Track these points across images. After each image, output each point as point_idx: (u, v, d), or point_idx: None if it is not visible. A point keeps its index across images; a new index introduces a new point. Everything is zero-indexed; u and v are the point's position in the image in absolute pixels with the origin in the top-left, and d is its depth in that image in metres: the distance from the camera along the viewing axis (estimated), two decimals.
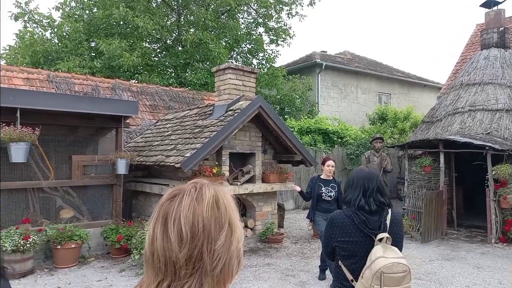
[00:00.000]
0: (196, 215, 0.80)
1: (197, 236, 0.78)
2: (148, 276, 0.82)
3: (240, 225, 0.87)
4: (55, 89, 8.58)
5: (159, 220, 0.81)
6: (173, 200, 0.83)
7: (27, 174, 5.78)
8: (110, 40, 11.85)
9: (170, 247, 0.78)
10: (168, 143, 6.57)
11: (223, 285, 0.83)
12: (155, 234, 0.81)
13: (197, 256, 0.78)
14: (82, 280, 4.67)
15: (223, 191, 0.88)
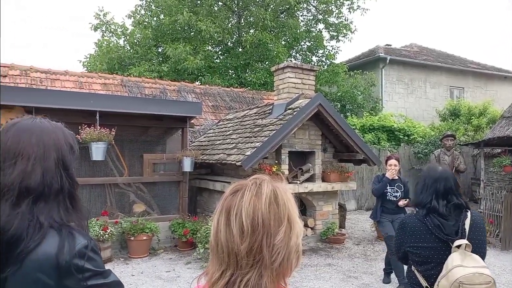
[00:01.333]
0: (256, 210, 0.84)
1: (257, 230, 0.82)
2: (213, 265, 0.88)
3: (299, 221, 0.90)
4: (127, 92, 9.32)
5: (223, 213, 0.87)
6: (235, 194, 0.88)
7: (105, 171, 6.36)
8: (176, 44, 12.54)
9: (232, 239, 0.83)
10: (229, 142, 6.78)
11: (282, 278, 0.86)
12: (219, 226, 0.87)
13: (257, 249, 0.82)
14: (152, 270, 5.04)
15: (283, 187, 0.91)
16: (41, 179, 1.00)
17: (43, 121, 1.09)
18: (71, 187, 1.07)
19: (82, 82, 9.05)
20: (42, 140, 1.04)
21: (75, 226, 1.04)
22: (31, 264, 0.94)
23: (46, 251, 0.95)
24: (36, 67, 8.81)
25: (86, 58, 14.72)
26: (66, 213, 1.03)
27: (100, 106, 5.72)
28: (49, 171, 1.02)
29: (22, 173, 0.98)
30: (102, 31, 14.19)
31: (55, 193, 1.02)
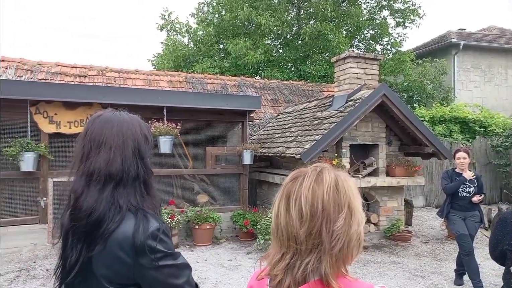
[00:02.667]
0: (315, 196, 0.85)
1: (316, 216, 0.84)
2: (274, 248, 0.91)
3: (361, 210, 0.89)
4: (191, 88, 9.74)
5: (283, 198, 0.90)
6: (295, 181, 0.90)
7: (171, 163, 6.74)
8: (236, 40, 12.78)
9: (291, 223, 0.86)
10: (288, 135, 6.77)
11: (343, 265, 0.86)
12: (279, 211, 0.90)
13: (316, 234, 0.84)
14: (215, 258, 5.25)
15: (344, 176, 0.91)
16: (120, 166, 1.10)
17: (122, 113, 1.20)
18: (146, 174, 1.16)
19: (150, 80, 9.65)
20: (122, 131, 1.14)
21: (149, 210, 1.12)
22: (112, 243, 1.04)
23: (125, 231, 1.05)
24: (111, 67, 9.58)
25: (155, 57, 15.64)
26: (141, 198, 1.12)
27: (167, 102, 6.06)
28: (127, 159, 1.12)
29: (106, 161, 1.09)
30: (167, 31, 14.96)
31: (132, 179, 1.12)
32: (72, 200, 1.10)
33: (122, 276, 1.06)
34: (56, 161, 5.71)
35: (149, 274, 1.07)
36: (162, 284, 1.09)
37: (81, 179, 1.10)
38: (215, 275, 4.57)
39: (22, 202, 5.70)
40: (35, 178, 5.59)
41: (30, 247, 5.42)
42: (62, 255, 1.12)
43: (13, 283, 4.24)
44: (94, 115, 1.19)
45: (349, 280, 0.86)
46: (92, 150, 1.11)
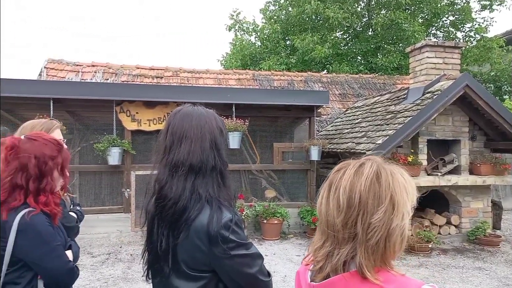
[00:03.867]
0: (353, 187, 0.87)
1: (352, 207, 0.85)
2: (317, 234, 0.95)
3: (407, 205, 0.87)
4: (258, 85, 9.89)
5: (325, 188, 0.93)
6: (339, 172, 0.92)
7: (240, 158, 6.94)
8: (303, 35, 12.65)
9: (329, 212, 0.89)
10: (358, 131, 6.53)
11: (384, 260, 0.85)
12: (321, 199, 0.93)
13: (351, 224, 0.85)
14: (284, 253, 5.29)
15: (393, 169, 0.89)
16: (200, 157, 1.17)
17: (200, 108, 1.26)
18: (221, 165, 1.21)
19: (220, 78, 10.02)
20: (200, 124, 1.20)
21: (224, 201, 1.17)
22: (192, 231, 1.11)
23: (202, 220, 1.11)
24: (184, 68, 10.14)
25: (223, 57, 16.19)
26: (218, 189, 1.18)
27: (236, 99, 6.24)
28: (205, 150, 1.18)
29: (187, 152, 1.16)
30: (235, 30, 15.36)
31: (209, 170, 1.17)
32: (156, 189, 1.18)
33: (200, 263, 1.12)
34: (137, 156, 6.24)
35: (223, 262, 1.11)
36: (235, 273, 1.13)
37: (164, 169, 1.18)
38: (283, 269, 4.61)
39: (109, 193, 6.34)
40: (120, 171, 6.17)
41: (116, 233, 6.00)
42: (148, 240, 1.22)
43: (104, 265, 4.73)
44: (175, 110, 1.27)
45: (392, 275, 0.85)
46: (174, 142, 1.19)
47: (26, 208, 1.41)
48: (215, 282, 1.15)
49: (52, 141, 1.52)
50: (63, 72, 8.79)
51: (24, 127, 1.87)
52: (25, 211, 1.40)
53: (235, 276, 1.14)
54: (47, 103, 5.53)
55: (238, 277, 1.14)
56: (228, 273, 1.14)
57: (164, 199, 1.14)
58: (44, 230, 1.42)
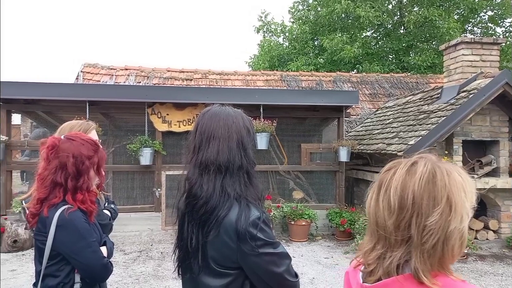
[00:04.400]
0: (406, 187, 0.82)
1: (405, 208, 0.80)
2: (367, 236, 0.91)
3: (467, 206, 0.81)
4: (286, 86, 9.86)
5: (375, 188, 0.89)
6: (389, 171, 0.88)
7: (268, 159, 6.95)
8: (332, 35, 12.51)
9: (380, 213, 0.85)
10: (389, 131, 6.37)
11: (441, 264, 0.80)
12: (370, 200, 0.90)
13: (404, 227, 0.80)
14: (312, 255, 5.24)
15: (450, 168, 0.84)
16: (227, 156, 1.19)
17: (227, 108, 1.29)
18: (248, 165, 1.22)
19: (248, 80, 10.08)
20: (227, 124, 1.23)
21: (251, 199, 1.18)
22: (221, 228, 1.13)
23: (231, 218, 1.13)
24: (213, 70, 10.28)
25: (251, 58, 16.28)
26: (245, 187, 1.19)
27: (263, 100, 6.26)
28: (232, 150, 1.20)
29: (215, 152, 1.19)
30: (263, 32, 15.41)
31: (237, 169, 1.19)
32: (186, 188, 1.22)
33: (228, 260, 1.14)
34: (168, 156, 6.39)
35: (250, 260, 1.12)
36: (262, 271, 1.14)
37: (194, 169, 1.21)
38: (311, 271, 4.57)
39: (141, 192, 6.53)
40: (151, 171, 6.34)
41: (147, 231, 6.17)
42: (179, 237, 1.25)
43: (135, 262, 4.89)
44: (204, 110, 1.30)
45: (452, 280, 0.80)
46: (202, 142, 1.22)
47: (64, 205, 1.49)
48: (242, 279, 1.17)
49: (89, 141, 1.60)
50: (98, 76, 9.16)
51: (63, 128, 1.97)
52: (64, 208, 1.48)
53: (262, 275, 1.15)
54: (84, 106, 5.78)
55: (265, 276, 1.15)
56: (255, 271, 1.15)
57: (194, 198, 1.17)
58: (81, 226, 1.49)
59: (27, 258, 5.01)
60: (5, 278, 4.31)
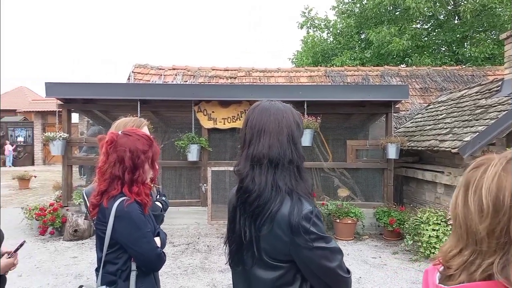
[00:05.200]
0: (501, 187, 0.72)
1: (501, 211, 0.71)
2: (451, 239, 0.83)
3: None
4: (331, 82, 9.68)
5: (461, 188, 0.81)
6: (478, 169, 0.79)
7: (311, 156, 6.87)
8: (379, 28, 12.06)
9: (470, 216, 0.76)
10: (442, 127, 6.02)
11: None
12: (457, 201, 0.81)
13: (501, 232, 0.71)
14: (358, 254, 5.12)
15: None
16: (278, 151, 1.19)
17: (277, 103, 1.29)
18: (298, 159, 1.22)
19: (291, 76, 10.03)
20: (277, 118, 1.23)
21: (302, 193, 1.18)
22: (272, 221, 1.14)
23: (283, 212, 1.13)
24: (256, 68, 10.35)
25: (294, 55, 16.16)
26: (295, 182, 1.19)
27: (307, 96, 6.19)
28: (283, 144, 1.20)
29: (266, 146, 1.20)
30: (307, 28, 15.22)
31: (287, 163, 1.19)
32: (238, 181, 1.24)
33: (280, 253, 1.15)
34: (213, 152, 6.55)
35: (303, 253, 1.13)
36: (315, 265, 1.13)
37: (245, 163, 1.22)
38: (358, 270, 4.46)
39: (188, 187, 6.76)
40: (197, 167, 6.54)
41: (194, 225, 6.38)
42: (230, 229, 1.27)
43: (183, 254, 5.08)
44: (253, 105, 1.32)
45: None
46: (254, 136, 1.23)
47: (122, 197, 1.58)
48: (293, 272, 1.17)
49: (144, 136, 1.68)
50: (148, 76, 9.59)
51: (118, 124, 2.08)
52: (122, 199, 1.57)
53: (314, 269, 1.14)
54: (135, 104, 6.08)
55: (318, 270, 1.15)
56: (307, 265, 1.15)
57: (245, 191, 1.18)
58: (137, 217, 1.58)
59: (86, 247, 5.39)
60: (67, 264, 4.68)
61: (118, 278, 1.59)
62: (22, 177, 11.16)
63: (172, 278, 4.22)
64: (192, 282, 4.11)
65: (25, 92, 26.88)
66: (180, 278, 4.21)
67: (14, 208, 7.08)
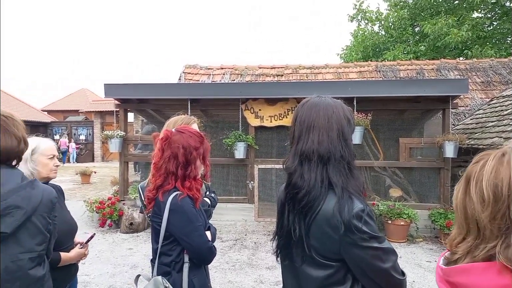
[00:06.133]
0: (499, 179, 0.80)
1: (501, 200, 0.79)
2: (455, 228, 0.91)
3: None
4: (382, 77, 9.30)
5: (463, 181, 0.89)
6: (477, 164, 0.87)
7: (361, 154, 6.65)
8: (435, 19, 11.37)
9: (472, 206, 0.84)
10: (507, 124, 5.55)
11: None
12: (457, 193, 0.89)
13: (501, 218, 0.79)
14: (411, 257, 4.88)
15: None
16: (328, 147, 1.17)
17: (327, 98, 1.27)
18: (349, 156, 1.19)
19: (340, 72, 9.79)
20: (327, 114, 1.21)
21: (353, 191, 1.15)
22: (321, 218, 1.12)
23: (331, 209, 1.11)
24: (303, 65, 10.24)
25: (343, 50, 15.75)
26: (346, 179, 1.16)
27: (357, 92, 6.00)
28: (333, 140, 1.18)
29: (315, 142, 1.18)
30: (357, 21, 14.75)
31: (337, 160, 1.17)
32: (287, 177, 1.23)
33: (329, 250, 1.13)
34: (260, 150, 6.59)
35: (354, 252, 1.09)
36: (367, 264, 1.10)
37: (294, 158, 1.21)
38: (411, 274, 4.26)
39: (235, 184, 6.87)
40: (244, 165, 6.62)
41: (241, 222, 6.47)
42: (279, 225, 1.27)
43: (231, 250, 5.17)
44: (302, 101, 1.30)
45: None
46: (302, 132, 1.22)
47: (176, 191, 1.64)
48: (343, 272, 1.14)
49: (196, 133, 1.73)
50: (197, 76, 9.88)
51: (170, 122, 2.18)
52: (176, 194, 1.63)
53: (366, 269, 1.11)
54: (186, 103, 6.29)
55: (370, 271, 1.11)
56: (358, 265, 1.11)
57: (294, 188, 1.17)
58: (190, 211, 1.63)
59: (140, 239, 5.70)
60: (124, 254, 4.98)
61: (172, 270, 1.65)
62: (84, 172, 12.05)
63: (221, 272, 4.32)
64: (240, 277, 4.18)
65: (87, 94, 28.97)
66: (229, 273, 4.30)
67: (77, 201, 7.66)
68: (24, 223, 1.30)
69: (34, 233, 1.34)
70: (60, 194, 2.05)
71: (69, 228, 2.00)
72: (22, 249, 1.31)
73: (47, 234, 1.40)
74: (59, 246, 1.81)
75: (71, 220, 2.04)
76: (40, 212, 1.36)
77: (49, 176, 1.93)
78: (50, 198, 1.42)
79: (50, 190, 1.45)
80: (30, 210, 1.32)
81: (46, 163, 1.90)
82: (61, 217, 1.87)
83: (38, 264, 1.37)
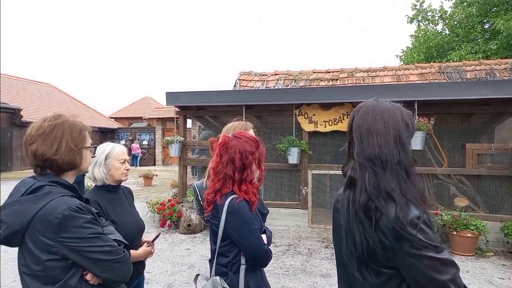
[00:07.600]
0: None
1: None
2: None
3: None
4: (446, 79, 8.72)
5: None
6: None
7: (423, 160, 6.29)
8: (508, 15, 10.44)
9: None
10: None
11: None
12: None
13: None
14: (480, 272, 4.50)
15: None
16: (385, 151, 1.15)
17: (384, 102, 1.24)
18: (406, 161, 1.15)
19: (399, 75, 9.35)
20: (384, 118, 1.19)
21: (410, 197, 1.11)
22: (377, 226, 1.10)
23: (388, 216, 1.08)
24: (360, 68, 9.95)
25: (403, 51, 15.05)
26: (403, 184, 1.12)
27: (418, 96, 5.71)
28: (390, 145, 1.15)
29: (371, 147, 1.16)
30: (418, 21, 14.03)
31: (394, 165, 1.14)
32: (344, 183, 1.23)
33: (383, 258, 1.10)
34: (314, 156, 6.53)
35: (408, 261, 1.06)
36: (422, 275, 1.05)
37: (351, 164, 1.21)
38: None
39: (288, 189, 6.86)
40: (298, 170, 6.59)
41: (295, 227, 6.44)
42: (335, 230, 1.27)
43: (284, 255, 5.17)
44: (359, 105, 1.29)
45: None
46: (358, 137, 1.21)
47: (233, 195, 1.71)
48: (398, 280, 1.11)
49: (252, 138, 1.79)
50: (252, 82, 10.06)
51: (228, 128, 2.27)
52: (233, 197, 1.70)
53: (421, 280, 1.06)
54: (241, 109, 6.45)
55: (425, 282, 1.06)
56: (413, 275, 1.07)
57: (350, 193, 1.17)
58: (246, 214, 1.68)
59: (197, 240, 5.92)
60: (182, 254, 5.21)
61: (229, 271, 1.71)
62: (146, 175, 12.83)
63: (274, 277, 4.34)
64: (293, 283, 4.16)
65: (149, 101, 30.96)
66: (282, 278, 4.30)
67: (140, 202, 8.18)
68: (14, 238, 1.26)
69: (28, 252, 1.26)
70: (130, 195, 2.26)
71: (138, 227, 2.16)
72: (23, 261, 1.29)
73: (48, 257, 1.23)
74: (130, 244, 1.96)
75: (139, 219, 2.21)
76: (35, 230, 1.23)
77: (121, 179, 2.12)
78: (48, 217, 1.21)
79: (53, 208, 1.22)
80: (15, 226, 1.23)
81: (119, 167, 2.09)
82: (131, 217, 2.08)
83: (44, 284, 1.25)
